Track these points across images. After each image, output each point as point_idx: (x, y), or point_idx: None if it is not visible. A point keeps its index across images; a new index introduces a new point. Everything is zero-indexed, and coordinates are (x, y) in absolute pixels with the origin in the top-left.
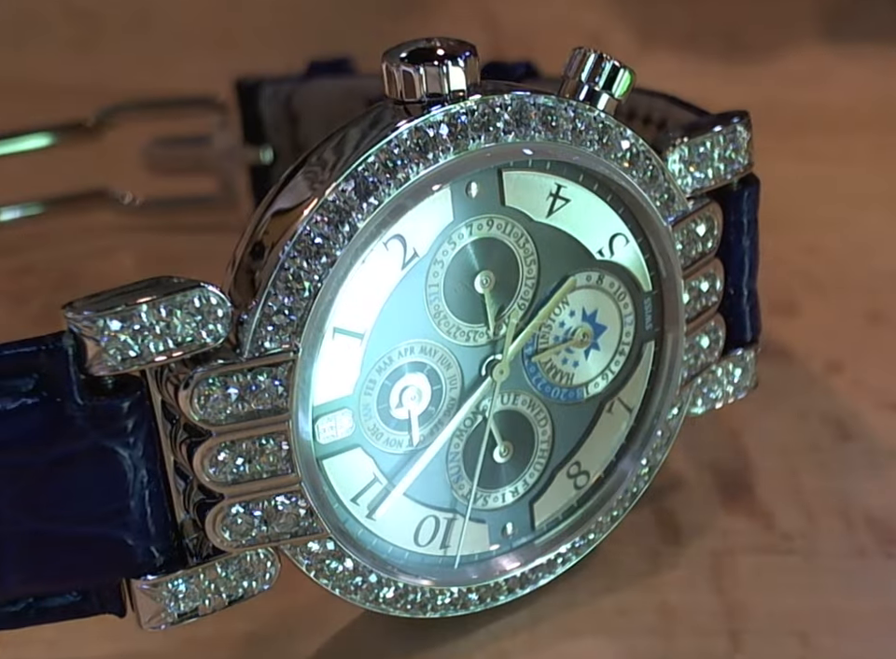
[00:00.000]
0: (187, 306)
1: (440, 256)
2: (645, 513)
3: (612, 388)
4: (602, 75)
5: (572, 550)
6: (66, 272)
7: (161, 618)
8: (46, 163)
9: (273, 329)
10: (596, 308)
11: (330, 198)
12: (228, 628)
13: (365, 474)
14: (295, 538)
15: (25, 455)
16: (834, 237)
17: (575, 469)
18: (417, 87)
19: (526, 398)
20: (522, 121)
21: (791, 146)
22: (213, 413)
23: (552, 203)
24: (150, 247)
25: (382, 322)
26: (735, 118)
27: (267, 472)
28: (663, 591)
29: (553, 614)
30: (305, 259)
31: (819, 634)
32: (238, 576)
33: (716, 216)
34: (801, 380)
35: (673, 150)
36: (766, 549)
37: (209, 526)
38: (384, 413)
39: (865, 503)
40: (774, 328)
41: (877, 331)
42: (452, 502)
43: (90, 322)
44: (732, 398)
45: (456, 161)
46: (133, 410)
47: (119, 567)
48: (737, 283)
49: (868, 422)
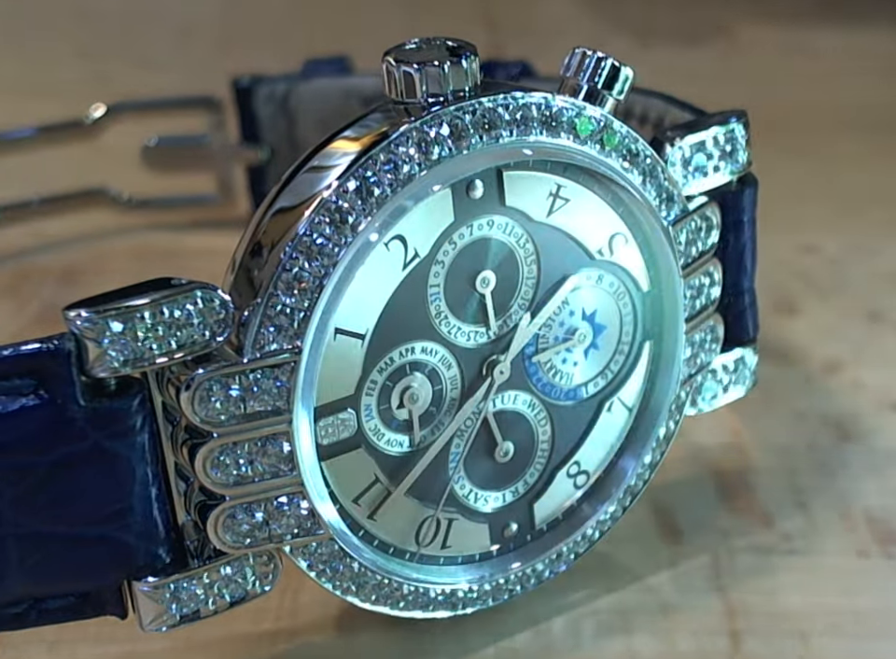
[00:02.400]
0: (188, 308)
1: (440, 256)
2: (645, 513)
3: (612, 388)
4: (601, 74)
5: (572, 550)
6: (66, 272)
7: (163, 620)
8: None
9: (274, 330)
10: (596, 308)
11: (331, 198)
12: (229, 630)
13: (366, 475)
14: (296, 539)
15: (26, 456)
16: (834, 237)
17: (575, 469)
18: (417, 87)
19: (526, 398)
20: (522, 121)
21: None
22: (214, 414)
23: (552, 202)
24: (149, 246)
25: (383, 323)
26: (734, 117)
27: (268, 473)
28: (663, 591)
29: (553, 614)
30: (306, 260)
31: (819, 634)
32: (240, 578)
33: (715, 215)
34: (801, 380)
35: (672, 150)
36: (766, 549)
37: (210, 528)
38: (385, 413)
39: (865, 503)
40: (774, 328)
41: (877, 331)
42: (452, 502)
43: (91, 324)
44: (731, 397)
45: (457, 161)
46: (134, 411)
47: (120, 568)
48: (736, 282)
49: (868, 422)
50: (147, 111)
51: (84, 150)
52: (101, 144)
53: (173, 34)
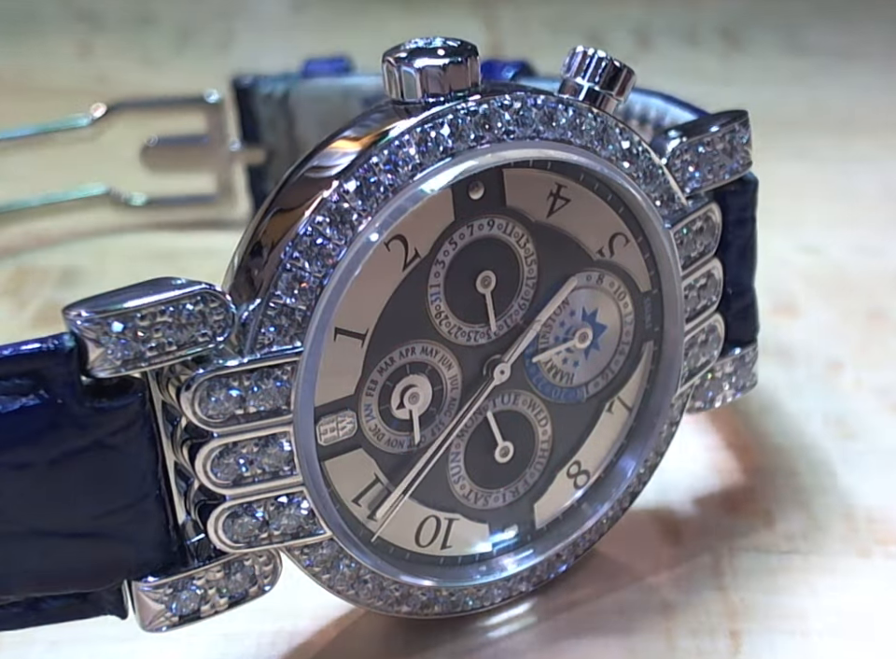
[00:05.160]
0: (188, 308)
1: (441, 256)
2: (645, 513)
3: (612, 388)
4: (602, 74)
5: (572, 549)
6: (66, 272)
7: (163, 620)
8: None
9: (274, 330)
10: (596, 308)
11: (332, 198)
12: (229, 630)
13: (366, 475)
14: (296, 539)
15: (26, 455)
16: (834, 237)
17: (575, 469)
18: (418, 87)
19: (527, 398)
20: (522, 121)
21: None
22: (214, 414)
23: (552, 202)
24: (149, 246)
25: (383, 323)
26: (734, 117)
27: (269, 474)
28: (663, 591)
29: (553, 614)
30: (307, 260)
31: (818, 634)
32: (240, 577)
33: (715, 215)
34: (801, 380)
35: (672, 150)
36: (766, 549)
37: (210, 528)
38: (385, 413)
39: (866, 503)
40: (774, 328)
41: (878, 331)
42: (453, 502)
43: (91, 324)
44: (731, 397)
45: (457, 161)
46: (134, 411)
47: (120, 568)
48: (736, 282)
49: (868, 422)
50: (147, 111)
51: (84, 150)
52: (101, 144)
53: (173, 34)
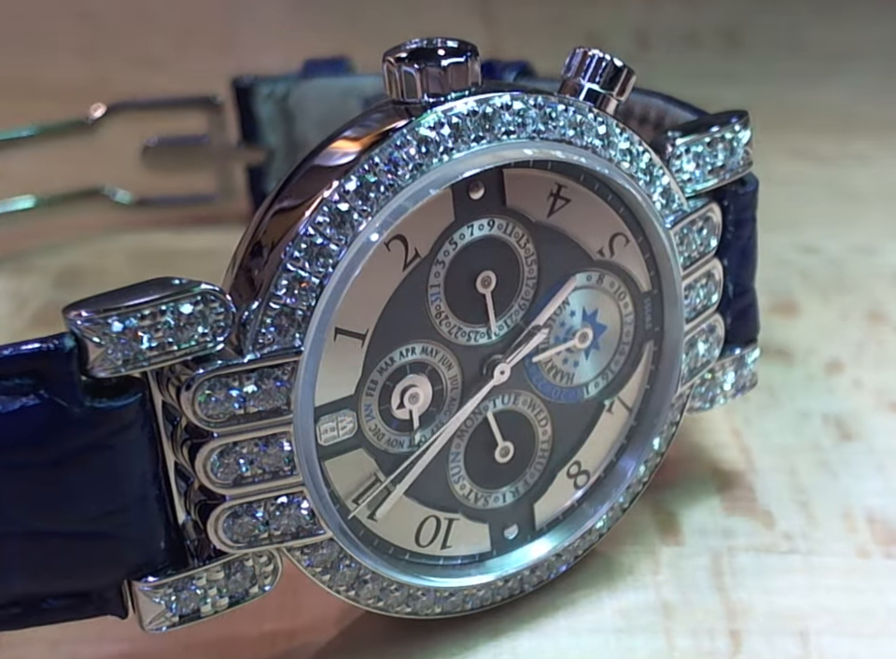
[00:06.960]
0: (188, 307)
1: (441, 256)
2: (645, 513)
3: (612, 388)
4: (602, 74)
5: (572, 550)
6: (66, 272)
7: (163, 620)
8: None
9: (274, 330)
10: (596, 308)
11: (332, 198)
12: (229, 630)
13: (366, 475)
14: (297, 539)
15: (26, 455)
16: (834, 237)
17: (575, 469)
18: (418, 87)
19: (527, 398)
20: (522, 121)
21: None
22: (214, 414)
23: (552, 202)
24: (149, 246)
25: (383, 323)
26: (734, 117)
27: (269, 474)
28: (663, 591)
29: (553, 614)
30: (307, 260)
31: (818, 634)
32: (240, 577)
33: (715, 215)
34: (801, 380)
35: (673, 150)
36: (766, 549)
37: (210, 528)
38: (385, 413)
39: (865, 503)
40: (774, 328)
41: (877, 331)
42: (453, 502)
43: (91, 323)
44: (731, 397)
45: (457, 161)
46: (134, 411)
47: (120, 568)
48: (737, 282)
49: (868, 422)
50: (147, 111)
51: (84, 150)
52: (101, 144)
53: (173, 34)
